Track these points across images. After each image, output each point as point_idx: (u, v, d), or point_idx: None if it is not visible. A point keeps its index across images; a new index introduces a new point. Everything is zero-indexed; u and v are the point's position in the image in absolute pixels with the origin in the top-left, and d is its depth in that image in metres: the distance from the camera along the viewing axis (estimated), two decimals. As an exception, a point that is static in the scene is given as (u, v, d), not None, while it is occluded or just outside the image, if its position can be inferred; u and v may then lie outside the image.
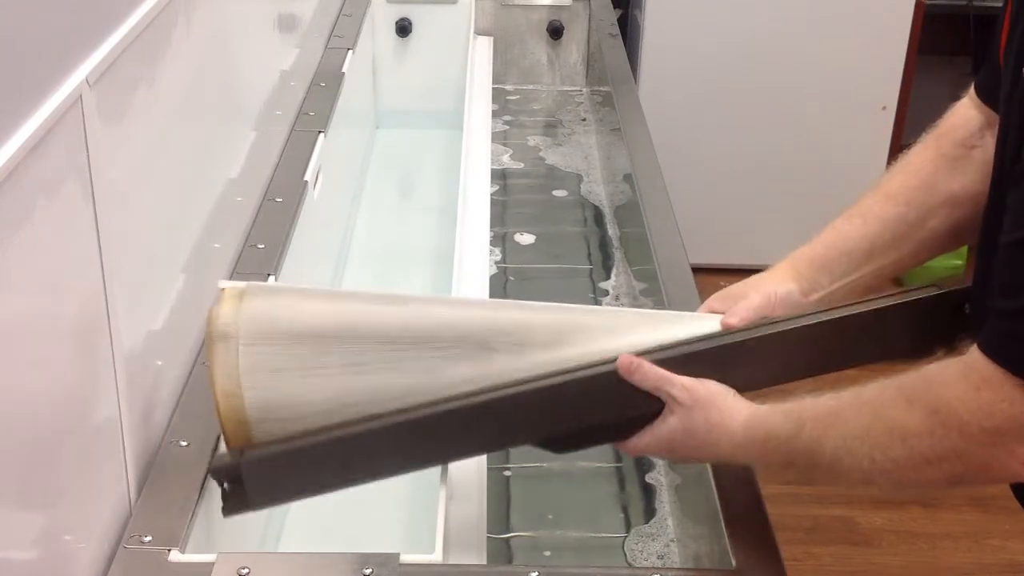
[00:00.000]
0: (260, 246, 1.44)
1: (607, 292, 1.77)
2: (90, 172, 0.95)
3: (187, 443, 1.11)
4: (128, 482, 1.05)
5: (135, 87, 1.08)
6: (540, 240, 1.94)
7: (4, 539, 0.83)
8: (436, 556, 1.02)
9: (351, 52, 2.10)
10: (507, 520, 1.31)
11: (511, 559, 1.27)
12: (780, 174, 3.24)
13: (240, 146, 1.51)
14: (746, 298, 1.08)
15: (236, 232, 1.44)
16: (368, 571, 0.96)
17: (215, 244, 1.35)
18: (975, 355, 0.83)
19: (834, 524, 2.48)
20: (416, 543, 1.26)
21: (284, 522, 1.39)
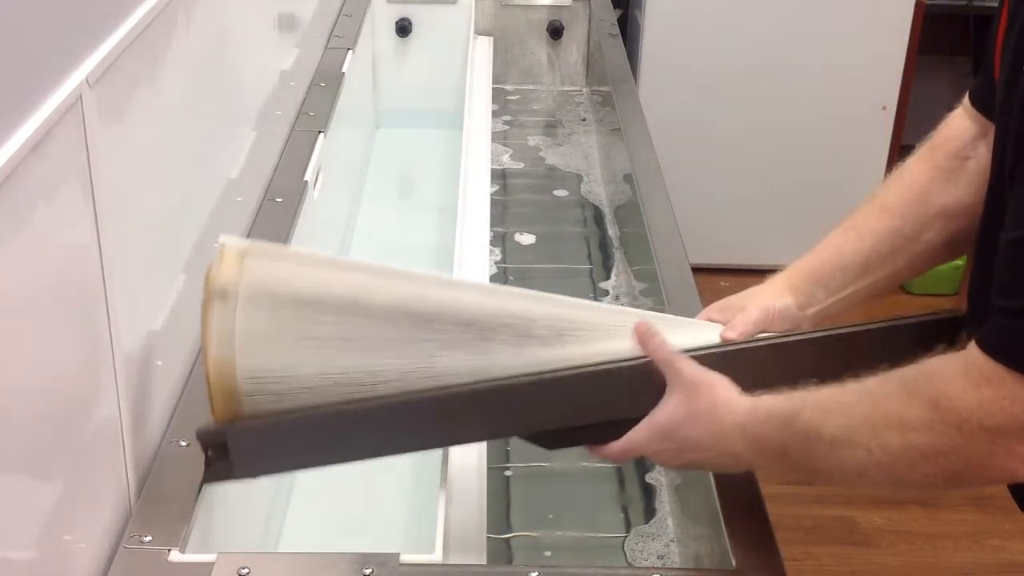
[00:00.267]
0: (260, 246, 1.44)
1: (607, 292, 1.77)
2: (90, 172, 0.95)
3: (187, 443, 1.11)
4: (128, 482, 1.05)
5: (135, 87, 1.08)
6: (540, 240, 1.94)
7: (4, 539, 0.83)
8: (436, 556, 1.02)
9: (351, 52, 2.10)
10: (507, 520, 1.31)
11: (511, 559, 1.27)
12: (780, 174, 3.24)
13: (240, 146, 1.51)
14: (745, 311, 1.09)
15: (236, 232, 1.44)
16: (368, 571, 0.96)
17: (215, 244, 1.35)
18: (975, 352, 0.83)
19: (834, 524, 2.47)
20: (416, 543, 1.26)
21: (284, 522, 1.39)
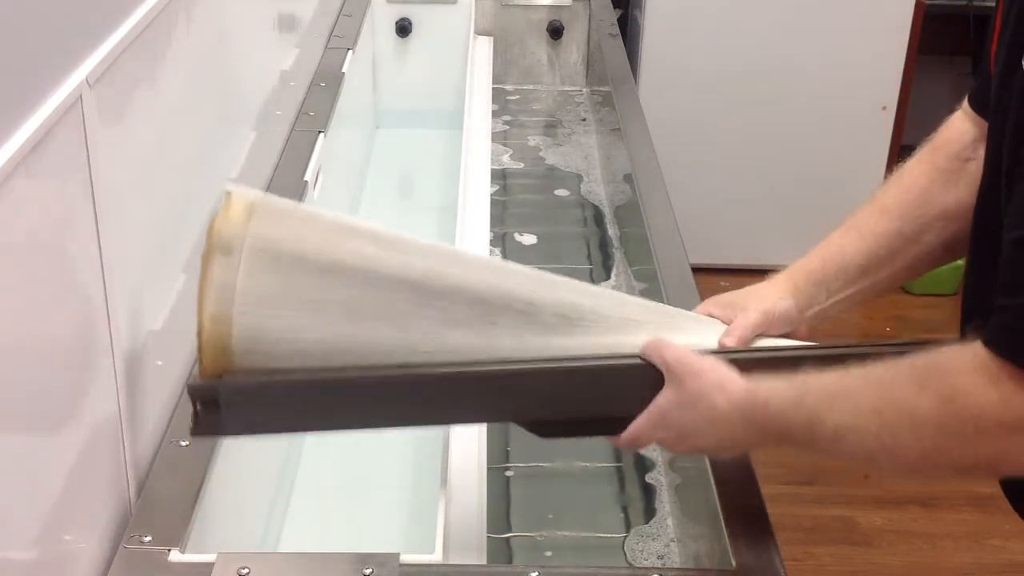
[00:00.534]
0: (260, 246, 1.44)
1: (607, 292, 1.77)
2: (90, 172, 0.95)
3: (187, 443, 1.11)
4: (128, 482, 1.05)
5: (135, 87, 1.08)
6: (540, 240, 1.94)
7: (4, 539, 0.83)
8: (436, 556, 1.02)
9: (351, 52, 2.10)
10: (507, 520, 1.31)
11: (511, 559, 1.27)
12: (780, 174, 3.24)
13: (240, 146, 1.51)
14: (745, 312, 1.08)
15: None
16: (368, 571, 0.96)
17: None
18: (982, 349, 0.83)
19: (834, 524, 2.47)
20: (416, 543, 1.26)
21: (284, 522, 1.39)
